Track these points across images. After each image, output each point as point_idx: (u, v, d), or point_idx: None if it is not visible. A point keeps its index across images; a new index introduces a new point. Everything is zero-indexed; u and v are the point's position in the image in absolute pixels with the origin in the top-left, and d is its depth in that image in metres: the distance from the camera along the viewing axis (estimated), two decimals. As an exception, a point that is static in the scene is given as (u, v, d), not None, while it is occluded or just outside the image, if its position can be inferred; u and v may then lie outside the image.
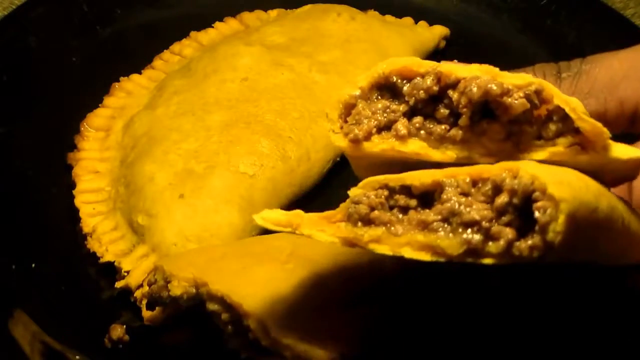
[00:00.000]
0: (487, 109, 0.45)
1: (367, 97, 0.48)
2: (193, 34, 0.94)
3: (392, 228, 0.45)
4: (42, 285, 0.70)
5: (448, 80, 0.45)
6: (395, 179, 0.45)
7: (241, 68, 0.84)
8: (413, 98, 0.46)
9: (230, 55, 0.86)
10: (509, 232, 0.42)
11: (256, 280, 0.58)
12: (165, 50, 0.92)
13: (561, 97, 0.44)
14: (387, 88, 0.47)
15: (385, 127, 0.47)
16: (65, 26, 0.90)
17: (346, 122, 0.48)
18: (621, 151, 0.46)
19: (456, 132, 0.46)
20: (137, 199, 0.75)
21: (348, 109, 0.48)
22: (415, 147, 0.47)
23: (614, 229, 0.45)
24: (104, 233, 0.74)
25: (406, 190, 0.45)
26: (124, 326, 0.67)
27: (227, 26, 0.96)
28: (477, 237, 0.42)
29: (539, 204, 0.40)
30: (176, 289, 0.58)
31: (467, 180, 0.43)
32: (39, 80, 0.86)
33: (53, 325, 0.65)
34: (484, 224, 0.42)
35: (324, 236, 0.46)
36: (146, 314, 0.65)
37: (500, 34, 0.97)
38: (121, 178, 0.78)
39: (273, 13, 0.98)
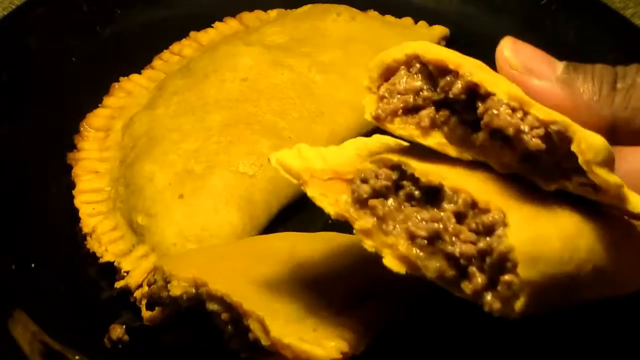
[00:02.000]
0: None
1: (410, 66, 0.47)
2: (193, 34, 0.94)
3: (383, 225, 0.45)
4: (42, 285, 0.70)
5: (478, 91, 0.45)
6: (407, 165, 0.45)
7: (241, 68, 0.84)
8: (443, 94, 0.46)
9: (230, 55, 0.86)
10: (479, 280, 0.42)
11: (256, 280, 0.58)
12: (165, 50, 0.92)
13: (580, 145, 0.42)
14: (425, 66, 0.47)
15: (413, 109, 0.47)
16: (65, 26, 0.90)
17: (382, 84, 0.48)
18: (637, 205, 0.45)
19: (476, 138, 0.46)
20: (136, 199, 0.75)
21: (389, 73, 0.48)
22: (434, 142, 0.47)
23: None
24: (103, 233, 0.74)
25: (415, 178, 0.45)
26: (124, 326, 0.67)
27: (227, 26, 0.96)
28: (451, 272, 0.43)
29: (506, 277, 0.41)
30: (176, 289, 0.58)
31: (468, 201, 0.43)
32: (39, 80, 0.85)
33: (53, 325, 0.65)
34: (462, 261, 0.42)
35: (324, 204, 0.47)
36: (146, 314, 0.65)
37: (500, 34, 0.97)
38: (121, 178, 0.78)
39: (273, 13, 0.98)
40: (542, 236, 0.42)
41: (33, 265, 0.71)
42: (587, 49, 0.91)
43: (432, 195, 0.44)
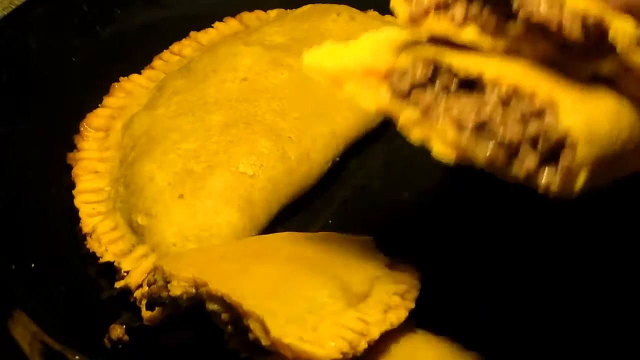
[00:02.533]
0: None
1: None
2: (193, 34, 0.94)
3: (429, 114, 0.46)
4: (42, 285, 0.70)
5: None
6: (444, 61, 0.46)
7: (241, 68, 0.84)
8: None
9: (230, 55, 0.86)
10: (531, 161, 0.43)
11: (256, 280, 0.58)
12: (165, 50, 0.92)
13: (617, 33, 0.44)
14: None
15: (444, 5, 0.48)
16: (65, 26, 0.90)
17: None
18: None
19: (510, 29, 0.46)
20: (136, 199, 0.75)
21: None
22: (468, 37, 0.47)
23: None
24: (103, 233, 0.74)
25: (451, 71, 0.46)
26: (124, 326, 0.67)
27: (227, 26, 0.96)
28: (502, 156, 0.44)
29: (566, 158, 0.42)
30: (176, 289, 0.58)
31: (510, 90, 0.44)
32: (39, 80, 0.85)
33: (53, 325, 0.65)
34: (513, 145, 0.43)
35: (364, 100, 0.48)
36: (146, 314, 0.65)
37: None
38: (121, 178, 0.78)
39: (273, 13, 0.98)
40: (593, 117, 0.44)
41: (33, 265, 0.71)
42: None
43: (470, 87, 0.45)
